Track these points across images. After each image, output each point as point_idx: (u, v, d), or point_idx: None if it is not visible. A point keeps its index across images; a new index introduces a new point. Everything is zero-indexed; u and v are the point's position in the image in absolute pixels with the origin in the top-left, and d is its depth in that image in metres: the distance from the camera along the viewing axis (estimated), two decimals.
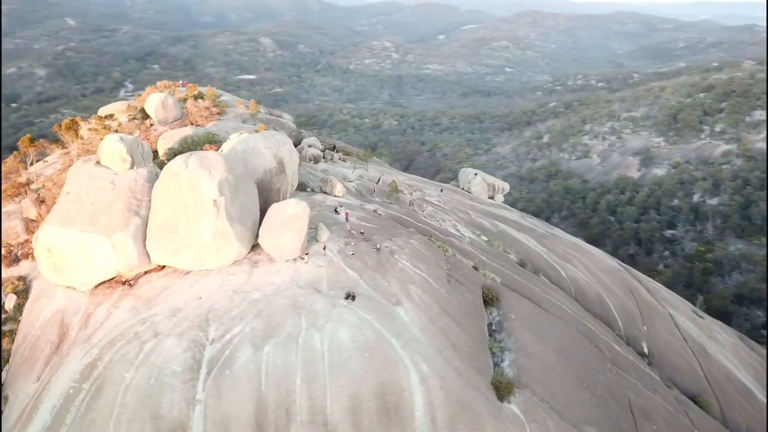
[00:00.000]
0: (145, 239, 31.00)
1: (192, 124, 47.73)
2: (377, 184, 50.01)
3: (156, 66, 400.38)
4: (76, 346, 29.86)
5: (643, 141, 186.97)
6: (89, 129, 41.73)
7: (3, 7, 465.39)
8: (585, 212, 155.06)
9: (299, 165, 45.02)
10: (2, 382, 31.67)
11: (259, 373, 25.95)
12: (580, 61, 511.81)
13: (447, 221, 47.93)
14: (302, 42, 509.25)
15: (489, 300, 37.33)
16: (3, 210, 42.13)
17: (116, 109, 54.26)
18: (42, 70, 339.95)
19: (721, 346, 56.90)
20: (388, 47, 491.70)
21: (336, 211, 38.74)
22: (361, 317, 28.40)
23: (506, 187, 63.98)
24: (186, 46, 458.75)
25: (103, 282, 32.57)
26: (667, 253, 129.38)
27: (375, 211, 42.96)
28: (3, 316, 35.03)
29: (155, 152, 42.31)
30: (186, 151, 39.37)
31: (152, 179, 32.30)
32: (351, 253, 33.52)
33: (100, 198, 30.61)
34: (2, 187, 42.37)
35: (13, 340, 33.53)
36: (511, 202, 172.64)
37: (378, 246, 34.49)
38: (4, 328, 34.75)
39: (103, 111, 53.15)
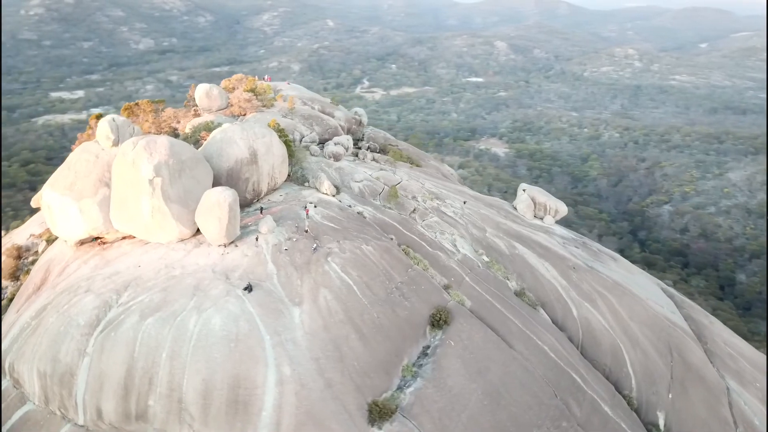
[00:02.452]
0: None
1: (232, 115, 52.28)
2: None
3: (393, 66, 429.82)
4: (47, 290, 35.55)
5: None
6: (140, 111, 48.35)
7: (280, 9, 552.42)
8: None
9: (302, 159, 46.73)
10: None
11: (135, 341, 28.29)
12: None
13: (447, 234, 45.33)
14: (538, 47, 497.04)
15: (436, 322, 34.97)
16: None
17: None
18: (297, 65, 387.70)
19: None
20: (630, 54, 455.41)
21: (306, 207, 39.51)
22: (244, 309, 29.09)
23: (561, 209, 57.47)
24: (424, 47, 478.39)
25: (90, 241, 38.07)
26: None
27: (360, 213, 42.65)
28: (31, 258, 43.01)
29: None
30: (193, 136, 43.80)
31: None
32: (285, 248, 34.15)
33: (82, 168, 35.82)
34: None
35: None
36: (730, 237, 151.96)
37: (315, 246, 34.56)
38: (32, 267, 42.60)
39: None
